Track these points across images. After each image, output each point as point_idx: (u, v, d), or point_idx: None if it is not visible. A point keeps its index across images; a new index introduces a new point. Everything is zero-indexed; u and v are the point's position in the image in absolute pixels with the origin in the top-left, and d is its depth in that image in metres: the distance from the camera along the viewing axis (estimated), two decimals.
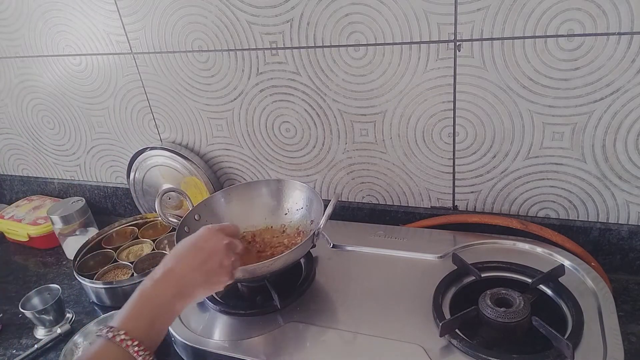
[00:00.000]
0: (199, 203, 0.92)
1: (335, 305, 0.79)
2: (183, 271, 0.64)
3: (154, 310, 0.60)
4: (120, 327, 0.57)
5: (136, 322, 0.58)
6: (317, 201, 0.87)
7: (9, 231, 1.28)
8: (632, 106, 0.78)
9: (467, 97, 0.87)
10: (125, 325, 0.58)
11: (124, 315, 0.59)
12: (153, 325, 0.60)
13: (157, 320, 0.60)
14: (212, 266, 0.66)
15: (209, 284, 0.66)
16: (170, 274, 0.63)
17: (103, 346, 0.56)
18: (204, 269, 0.65)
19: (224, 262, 0.67)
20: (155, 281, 0.63)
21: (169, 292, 0.62)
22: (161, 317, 0.61)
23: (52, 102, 1.26)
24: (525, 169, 0.89)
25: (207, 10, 0.97)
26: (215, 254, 0.66)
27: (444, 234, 0.93)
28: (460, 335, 0.68)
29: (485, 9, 0.79)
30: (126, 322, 0.58)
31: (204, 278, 0.65)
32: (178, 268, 0.64)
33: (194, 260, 0.65)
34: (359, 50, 0.89)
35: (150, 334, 0.59)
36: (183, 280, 0.63)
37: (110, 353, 0.56)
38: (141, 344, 0.56)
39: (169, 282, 0.63)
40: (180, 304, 0.63)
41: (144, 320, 0.59)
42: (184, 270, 0.64)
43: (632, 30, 0.73)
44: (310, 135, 1.02)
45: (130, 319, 0.59)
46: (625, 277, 0.89)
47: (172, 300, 0.62)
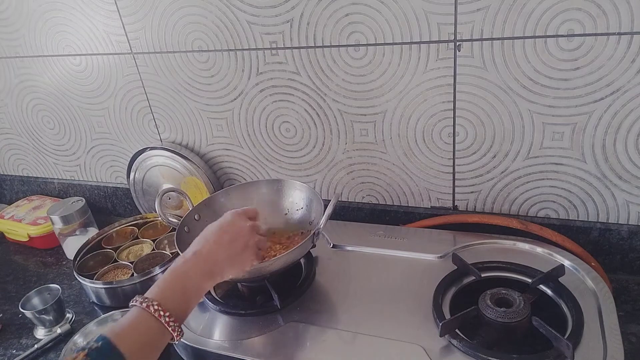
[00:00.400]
0: (199, 203, 0.92)
1: (335, 305, 0.79)
2: (211, 252, 0.68)
3: (184, 287, 0.64)
4: (154, 298, 0.61)
5: (168, 296, 0.62)
6: (317, 201, 0.87)
7: (9, 231, 1.28)
8: (632, 106, 0.78)
9: (467, 97, 0.87)
10: (158, 297, 0.61)
11: (157, 289, 0.63)
12: (183, 300, 0.63)
13: (187, 295, 0.64)
14: (238, 246, 0.70)
15: (236, 263, 0.70)
16: (199, 255, 0.67)
17: (137, 315, 0.60)
18: (231, 249, 0.69)
19: (249, 243, 0.71)
20: (185, 260, 0.66)
21: (198, 270, 0.66)
22: (190, 293, 0.64)
23: (52, 102, 1.26)
24: (525, 169, 0.89)
25: (207, 10, 0.97)
26: (241, 235, 0.71)
27: (444, 234, 0.93)
28: (460, 335, 0.68)
29: (485, 9, 0.79)
30: (159, 294, 0.62)
31: (231, 258, 0.69)
32: (206, 249, 0.68)
33: (220, 242, 0.69)
34: (359, 50, 0.89)
35: (180, 307, 0.62)
36: (211, 260, 0.67)
37: (144, 321, 0.59)
38: (171, 315, 0.60)
39: (198, 261, 0.66)
40: (209, 282, 0.67)
41: (175, 295, 0.63)
42: (211, 251, 0.68)
43: (632, 30, 0.73)
44: (310, 135, 1.02)
45: (162, 292, 0.62)
46: (625, 277, 0.89)
47: (202, 279, 0.66)
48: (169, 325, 0.60)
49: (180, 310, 0.62)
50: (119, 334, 0.57)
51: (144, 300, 0.60)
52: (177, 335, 0.61)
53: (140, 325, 0.59)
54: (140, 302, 0.60)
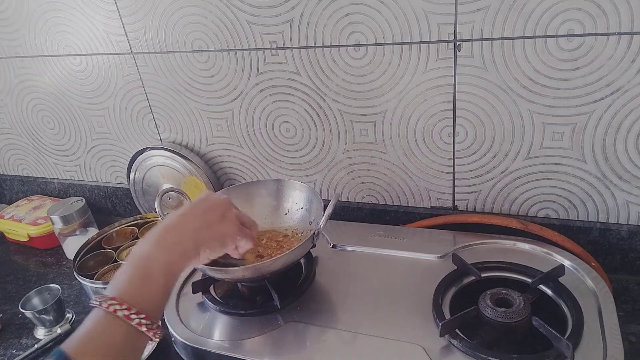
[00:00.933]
0: None
1: (335, 305, 0.79)
2: (180, 223, 0.57)
3: (150, 272, 0.52)
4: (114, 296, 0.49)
5: (131, 288, 0.50)
6: (317, 201, 0.87)
7: (9, 231, 1.28)
8: (632, 106, 0.78)
9: (467, 97, 0.87)
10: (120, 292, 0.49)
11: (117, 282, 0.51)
12: (151, 290, 0.51)
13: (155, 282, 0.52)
14: (214, 216, 0.59)
15: (214, 234, 0.59)
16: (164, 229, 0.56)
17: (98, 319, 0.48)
18: (204, 219, 0.58)
19: (226, 214, 0.61)
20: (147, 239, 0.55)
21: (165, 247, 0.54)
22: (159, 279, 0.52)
23: (52, 102, 1.26)
24: (525, 169, 0.89)
25: (207, 10, 0.97)
26: (216, 206, 0.61)
27: (444, 234, 0.93)
28: (460, 335, 0.68)
29: (485, 9, 0.79)
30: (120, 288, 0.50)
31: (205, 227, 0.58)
32: (173, 222, 0.57)
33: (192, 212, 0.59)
34: (359, 50, 0.89)
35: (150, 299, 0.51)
36: (180, 232, 0.56)
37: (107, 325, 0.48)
38: (140, 312, 0.49)
39: (163, 236, 0.55)
40: (182, 259, 0.55)
41: (141, 285, 0.51)
42: (180, 222, 0.57)
43: (632, 30, 0.73)
44: (310, 135, 1.02)
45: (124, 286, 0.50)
46: (625, 277, 0.89)
47: (171, 256, 0.54)
48: (141, 326, 0.48)
49: (148, 301, 0.50)
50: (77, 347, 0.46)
51: (102, 298, 0.48)
52: (154, 334, 0.49)
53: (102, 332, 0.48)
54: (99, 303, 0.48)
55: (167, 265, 0.53)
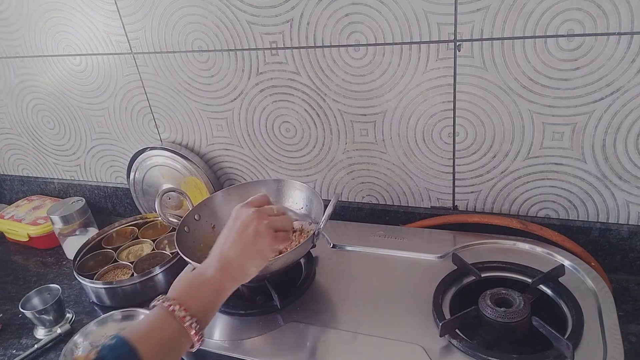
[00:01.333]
0: (199, 203, 0.92)
1: (335, 305, 0.79)
2: (223, 252, 0.66)
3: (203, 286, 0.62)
4: (176, 298, 0.59)
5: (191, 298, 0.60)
6: (317, 201, 0.87)
7: (9, 231, 1.28)
8: (632, 106, 0.78)
9: (467, 97, 0.87)
10: (181, 298, 0.59)
11: (179, 291, 0.61)
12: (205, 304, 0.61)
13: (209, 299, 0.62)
14: (248, 237, 0.66)
15: (253, 254, 0.67)
16: (215, 255, 0.66)
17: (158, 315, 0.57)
18: (242, 242, 0.66)
19: (258, 228, 0.67)
20: (205, 261, 0.66)
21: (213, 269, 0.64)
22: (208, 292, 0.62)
23: (52, 102, 1.26)
24: (525, 169, 0.89)
25: (207, 10, 0.97)
26: (247, 226, 0.67)
27: (444, 234, 0.93)
28: (460, 335, 0.68)
29: (485, 9, 0.79)
30: (182, 296, 0.60)
31: (245, 251, 0.66)
32: (219, 250, 0.66)
33: (230, 239, 0.67)
34: (359, 50, 0.89)
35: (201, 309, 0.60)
36: (226, 260, 0.65)
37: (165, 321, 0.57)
38: (193, 317, 0.58)
39: (214, 262, 0.65)
40: (231, 283, 0.65)
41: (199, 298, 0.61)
42: (224, 251, 0.66)
43: (632, 30, 0.73)
44: (310, 135, 1.02)
45: (184, 294, 0.60)
46: (625, 277, 0.89)
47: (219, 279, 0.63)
48: (192, 329, 0.57)
49: (200, 309, 0.60)
50: (136, 332, 0.55)
51: (165, 300, 0.58)
52: (198, 340, 0.59)
53: (160, 325, 0.57)
54: (163, 302, 0.58)
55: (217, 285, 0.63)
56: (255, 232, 0.67)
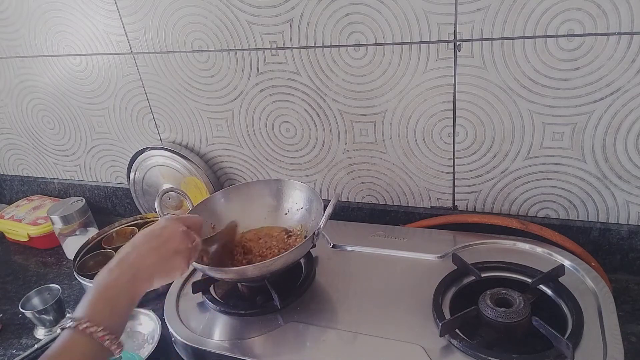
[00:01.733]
0: (199, 203, 0.92)
1: (335, 305, 0.79)
2: (137, 257, 0.65)
3: (113, 297, 0.61)
4: (82, 316, 0.57)
5: (97, 310, 0.59)
6: (317, 201, 0.87)
7: (9, 231, 1.28)
8: (632, 106, 0.78)
9: (467, 97, 0.87)
10: (87, 313, 0.58)
11: (84, 306, 0.59)
12: (114, 311, 0.60)
13: (117, 306, 0.61)
14: (167, 252, 0.66)
15: (164, 270, 0.66)
16: (124, 261, 0.64)
17: (68, 338, 0.56)
18: (159, 254, 0.66)
19: (179, 248, 0.67)
20: (109, 270, 0.64)
21: (124, 278, 0.63)
22: (120, 303, 0.61)
23: (52, 102, 1.26)
24: (525, 169, 0.89)
25: (207, 10, 0.97)
26: (171, 240, 0.67)
27: (444, 234, 0.93)
28: (460, 335, 0.68)
29: (485, 9, 0.79)
30: (87, 311, 0.58)
31: (158, 263, 0.65)
32: (132, 255, 0.65)
33: (148, 246, 0.66)
34: (359, 50, 0.89)
35: (113, 318, 0.59)
36: (137, 265, 0.64)
37: (77, 344, 0.55)
38: (105, 329, 0.56)
39: (122, 268, 0.63)
40: (138, 288, 0.63)
41: (105, 307, 0.59)
42: (138, 256, 0.65)
43: (632, 30, 0.73)
44: (310, 135, 1.02)
45: (90, 308, 0.59)
46: (625, 277, 0.89)
47: (128, 286, 0.62)
48: (105, 339, 0.56)
49: (114, 323, 0.59)
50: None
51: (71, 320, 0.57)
52: (116, 348, 0.58)
53: (72, 347, 0.55)
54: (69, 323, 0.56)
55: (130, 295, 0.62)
56: (175, 250, 0.67)
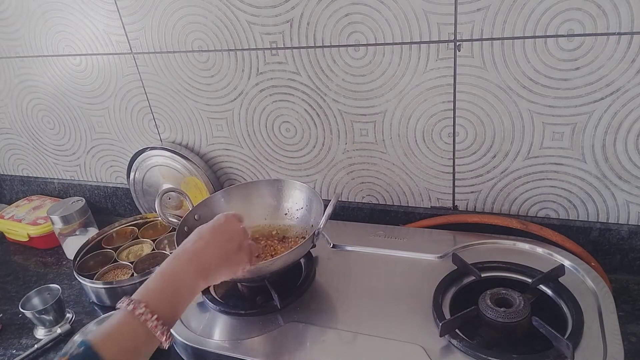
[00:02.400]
0: (199, 203, 0.92)
1: (335, 305, 0.79)
2: (205, 250, 0.64)
3: (176, 287, 0.60)
4: (141, 300, 0.57)
5: (157, 297, 0.58)
6: (317, 201, 0.87)
7: (9, 231, 1.28)
8: (632, 106, 0.78)
9: (467, 97, 0.87)
10: (146, 298, 0.57)
11: (146, 290, 0.59)
12: (173, 302, 0.59)
13: (178, 297, 0.60)
14: (233, 247, 0.67)
15: (230, 264, 0.67)
16: (192, 253, 0.64)
17: (123, 318, 0.56)
18: (225, 249, 0.66)
19: (243, 244, 0.69)
20: (177, 258, 0.63)
21: (190, 269, 0.62)
22: (182, 295, 0.61)
23: (52, 102, 1.26)
24: (525, 169, 0.89)
25: (207, 10, 0.97)
26: (235, 236, 0.68)
27: (444, 234, 0.93)
28: (460, 335, 0.68)
29: (485, 9, 0.79)
30: (148, 295, 0.58)
31: (226, 258, 0.66)
32: (199, 247, 0.65)
33: (215, 241, 0.66)
34: (359, 50, 0.89)
35: (170, 310, 0.59)
36: (205, 259, 0.64)
37: (129, 325, 0.55)
38: (160, 318, 0.56)
39: (190, 259, 0.63)
40: (202, 282, 0.63)
41: (165, 296, 0.59)
42: (206, 249, 0.65)
43: (632, 30, 0.73)
44: (310, 135, 1.02)
45: (151, 293, 0.58)
46: (625, 277, 0.89)
47: (194, 278, 0.62)
48: (157, 329, 0.56)
49: (170, 313, 0.58)
50: (102, 339, 0.53)
51: (130, 302, 0.56)
52: (166, 340, 0.57)
53: (125, 330, 0.55)
54: (127, 304, 0.56)
55: (193, 287, 0.62)
56: (239, 246, 0.68)
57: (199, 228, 0.69)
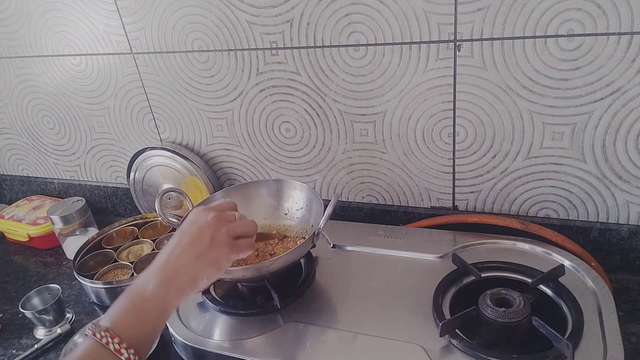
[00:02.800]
0: (199, 203, 0.92)
1: (335, 305, 0.79)
2: (170, 259, 0.58)
3: (138, 303, 0.55)
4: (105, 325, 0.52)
5: (122, 320, 0.53)
6: (317, 201, 0.87)
7: (9, 231, 1.28)
8: (632, 106, 0.78)
9: (467, 97, 0.87)
10: (111, 322, 0.53)
11: (110, 312, 0.54)
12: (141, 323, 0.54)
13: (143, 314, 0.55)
14: (202, 244, 0.59)
15: (205, 265, 0.59)
16: (155, 265, 0.58)
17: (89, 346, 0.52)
18: (194, 250, 0.59)
19: (215, 235, 0.60)
20: (142, 275, 0.58)
21: (154, 282, 0.56)
22: (147, 310, 0.55)
23: (52, 102, 1.26)
24: (525, 169, 0.89)
25: (207, 10, 0.97)
26: (204, 230, 0.60)
27: (444, 234, 0.93)
28: (460, 335, 0.68)
29: (485, 9, 0.79)
30: (112, 319, 0.53)
31: (197, 259, 0.58)
32: (164, 258, 0.58)
33: (180, 246, 0.59)
34: (359, 50, 0.89)
35: (138, 330, 0.54)
36: (169, 269, 0.57)
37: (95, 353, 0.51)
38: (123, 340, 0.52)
39: (154, 273, 0.57)
40: (172, 295, 0.57)
41: (130, 318, 0.54)
42: (171, 258, 0.58)
43: (632, 30, 0.73)
44: (310, 135, 1.02)
45: (115, 316, 0.54)
46: (625, 277, 0.89)
47: (160, 292, 0.56)
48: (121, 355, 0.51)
49: (137, 333, 0.53)
50: None
51: (96, 328, 0.52)
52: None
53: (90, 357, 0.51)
54: (93, 333, 0.52)
55: (161, 302, 0.55)
56: (211, 239, 0.60)
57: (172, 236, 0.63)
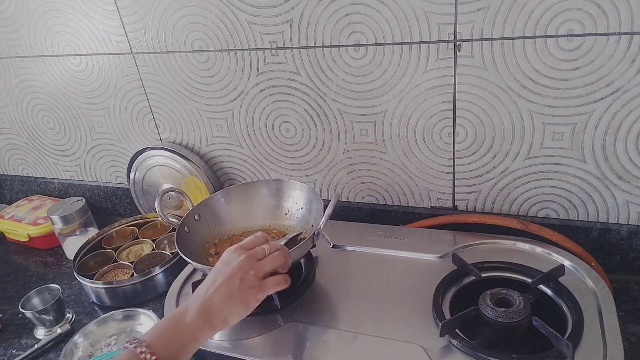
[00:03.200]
0: (199, 203, 0.92)
1: (335, 305, 0.79)
2: (207, 295, 0.65)
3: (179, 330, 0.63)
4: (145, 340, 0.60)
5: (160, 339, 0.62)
6: (317, 201, 0.87)
7: (9, 231, 1.28)
8: (632, 106, 0.78)
9: (467, 97, 0.87)
10: (150, 339, 0.61)
11: (152, 331, 0.63)
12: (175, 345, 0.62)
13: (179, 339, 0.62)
14: (234, 285, 0.65)
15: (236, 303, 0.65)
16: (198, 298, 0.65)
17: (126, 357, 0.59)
18: (227, 289, 0.65)
19: (244, 278, 0.66)
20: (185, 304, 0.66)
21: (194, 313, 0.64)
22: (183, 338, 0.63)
23: (52, 102, 1.26)
24: (525, 169, 0.89)
25: (207, 10, 0.97)
26: (235, 272, 0.66)
27: (444, 234, 0.93)
28: (460, 335, 0.68)
29: (485, 9, 0.79)
30: (152, 337, 0.62)
31: (228, 297, 0.65)
32: (203, 292, 0.65)
33: (215, 284, 0.66)
34: (359, 50, 0.89)
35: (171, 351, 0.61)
36: (207, 303, 0.64)
37: None
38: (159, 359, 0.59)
39: (196, 305, 0.64)
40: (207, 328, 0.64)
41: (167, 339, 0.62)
42: (207, 294, 0.65)
43: (632, 30, 0.73)
44: (310, 135, 1.02)
45: (155, 335, 0.62)
46: (625, 277, 0.89)
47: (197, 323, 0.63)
48: None
49: (170, 355, 0.61)
50: None
51: (133, 341, 0.60)
52: None
53: None
54: (131, 343, 0.60)
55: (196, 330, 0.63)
56: (241, 281, 0.66)
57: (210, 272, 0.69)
